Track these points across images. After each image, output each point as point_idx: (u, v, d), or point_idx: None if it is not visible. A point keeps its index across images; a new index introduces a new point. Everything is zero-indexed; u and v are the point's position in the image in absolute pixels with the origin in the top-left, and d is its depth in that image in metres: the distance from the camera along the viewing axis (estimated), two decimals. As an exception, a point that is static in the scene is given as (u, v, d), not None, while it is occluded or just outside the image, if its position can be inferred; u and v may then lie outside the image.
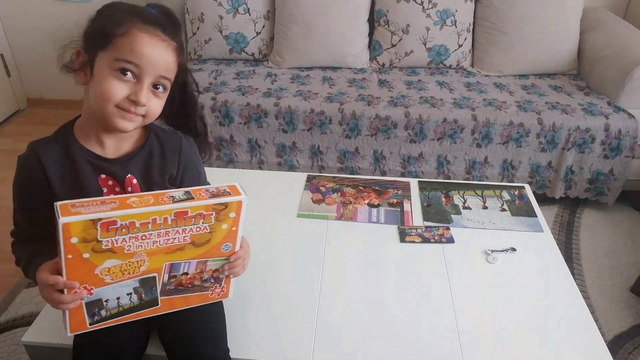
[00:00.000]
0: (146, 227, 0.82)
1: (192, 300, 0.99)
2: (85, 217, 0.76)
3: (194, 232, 0.87)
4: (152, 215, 0.81)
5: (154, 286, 0.92)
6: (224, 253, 0.95)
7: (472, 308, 1.20)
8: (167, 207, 0.82)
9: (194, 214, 0.85)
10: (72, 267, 0.81)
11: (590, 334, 1.15)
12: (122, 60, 0.86)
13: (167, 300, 0.96)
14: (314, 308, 1.19)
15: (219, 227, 0.89)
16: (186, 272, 0.94)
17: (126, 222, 0.80)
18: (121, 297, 0.90)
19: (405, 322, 1.17)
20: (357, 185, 1.65)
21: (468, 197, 1.60)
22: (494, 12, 2.44)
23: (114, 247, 0.82)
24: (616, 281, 1.87)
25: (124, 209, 0.79)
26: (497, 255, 1.36)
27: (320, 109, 2.16)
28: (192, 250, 0.90)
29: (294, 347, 1.11)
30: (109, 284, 0.87)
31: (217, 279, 0.98)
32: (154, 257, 0.87)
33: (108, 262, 0.83)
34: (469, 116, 2.10)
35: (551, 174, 2.18)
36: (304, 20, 2.44)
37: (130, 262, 0.86)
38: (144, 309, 0.95)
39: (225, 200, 0.86)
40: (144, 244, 0.84)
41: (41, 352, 1.15)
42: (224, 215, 0.88)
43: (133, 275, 0.88)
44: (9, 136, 2.89)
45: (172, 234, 0.85)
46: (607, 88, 2.22)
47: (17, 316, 1.72)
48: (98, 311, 0.89)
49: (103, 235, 0.79)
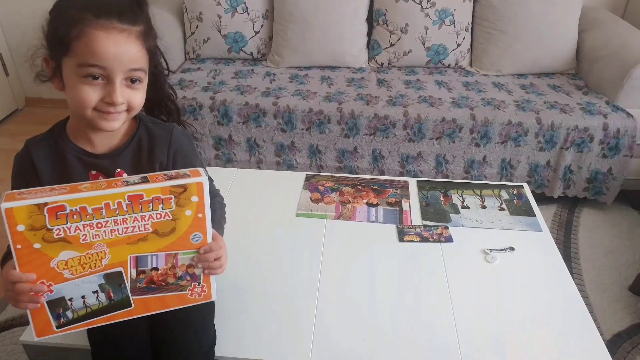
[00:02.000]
0: (99, 213, 0.78)
1: (169, 302, 0.93)
2: (29, 202, 0.73)
3: (155, 220, 0.83)
4: (104, 199, 0.77)
5: (122, 283, 0.86)
6: (194, 244, 0.89)
7: (471, 307, 1.20)
8: (119, 189, 0.78)
9: (149, 198, 0.80)
10: (24, 259, 0.77)
11: (589, 333, 1.15)
12: (85, 66, 0.82)
13: (141, 301, 0.90)
14: (312, 307, 1.19)
15: (181, 213, 0.84)
16: (156, 267, 0.88)
17: (76, 207, 0.76)
18: (87, 296, 0.85)
19: (404, 321, 1.17)
20: (355, 185, 1.64)
21: (467, 197, 1.60)
22: (492, 12, 2.44)
23: (67, 235, 0.78)
24: (615, 280, 1.87)
25: (74, 193, 0.76)
26: (496, 254, 1.36)
27: (318, 109, 2.16)
28: (157, 240, 0.85)
29: (293, 346, 1.11)
30: (70, 279, 0.82)
31: (193, 276, 0.92)
32: (115, 249, 0.82)
33: (64, 254, 0.79)
34: (468, 115, 2.10)
35: (550, 173, 2.18)
36: (303, 19, 2.44)
37: (89, 253, 0.81)
38: (116, 311, 0.89)
39: (183, 182, 0.82)
40: (101, 233, 0.80)
41: (39, 352, 1.15)
42: (185, 199, 0.83)
43: (95, 270, 0.83)
44: (8, 136, 2.88)
45: (131, 222, 0.81)
46: (606, 87, 2.22)
47: (15, 315, 1.72)
48: (63, 312, 0.84)
49: (52, 222, 0.75)
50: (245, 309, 1.19)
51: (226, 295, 1.19)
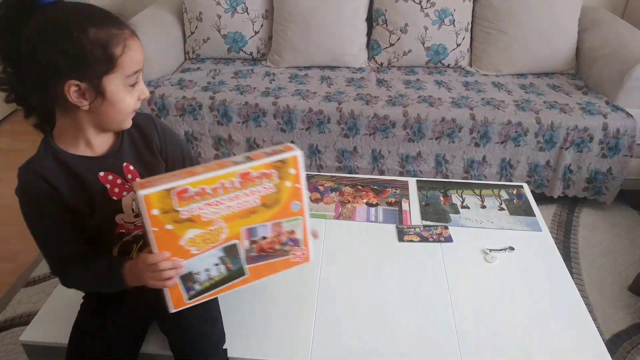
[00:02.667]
0: (216, 192, 0.87)
1: (278, 266, 1.02)
2: (160, 188, 0.82)
3: (262, 193, 0.92)
4: (219, 179, 0.86)
5: (237, 254, 0.96)
6: (294, 212, 0.98)
7: (470, 307, 1.20)
8: (231, 169, 0.87)
9: (257, 174, 0.90)
10: (160, 240, 0.86)
11: (589, 333, 1.15)
12: (132, 75, 0.88)
13: (254, 269, 1.00)
14: (312, 307, 1.19)
15: (283, 185, 0.93)
16: (264, 236, 0.97)
17: (197, 189, 0.85)
18: (210, 269, 0.94)
19: (404, 321, 1.17)
20: (355, 185, 1.65)
21: (466, 196, 1.60)
22: (492, 12, 2.44)
23: (192, 216, 0.87)
24: (614, 280, 1.87)
25: (193, 176, 0.85)
26: (496, 254, 1.36)
27: (318, 108, 2.16)
28: (265, 212, 0.94)
29: (293, 346, 1.11)
30: (196, 255, 0.91)
31: (295, 240, 1.01)
32: (231, 223, 0.92)
33: (190, 232, 0.88)
34: (467, 115, 2.10)
35: (549, 173, 2.18)
36: (303, 19, 2.44)
37: (210, 230, 0.90)
38: (234, 280, 0.99)
39: (282, 156, 0.91)
40: (219, 210, 0.89)
41: (39, 352, 1.15)
42: (284, 172, 0.92)
43: (215, 244, 0.92)
44: (8, 135, 2.88)
45: (243, 197, 0.90)
46: (606, 87, 2.22)
47: (15, 315, 1.72)
48: (192, 285, 0.94)
49: (179, 204, 0.85)
50: (245, 309, 1.19)
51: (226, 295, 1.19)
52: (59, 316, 1.14)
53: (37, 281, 1.86)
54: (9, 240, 2.10)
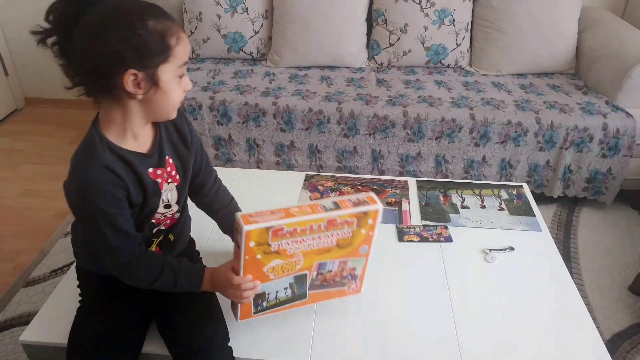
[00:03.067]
0: (304, 232, 0.96)
1: (332, 294, 1.13)
2: (263, 225, 0.91)
3: (340, 236, 1.01)
4: (310, 222, 0.95)
5: (305, 282, 1.06)
6: (361, 254, 1.07)
7: (470, 307, 1.20)
8: (322, 215, 0.96)
9: (341, 221, 0.98)
10: (247, 267, 0.96)
11: (589, 333, 1.15)
12: (183, 66, 0.91)
13: (313, 294, 1.10)
14: (312, 307, 1.19)
15: (359, 231, 1.02)
16: (330, 270, 1.07)
17: (290, 228, 0.94)
18: (279, 291, 1.05)
19: (403, 320, 1.17)
20: (355, 185, 1.65)
21: (466, 196, 1.60)
22: (492, 12, 2.44)
23: (279, 249, 0.96)
24: (614, 280, 1.87)
25: (290, 217, 0.94)
26: (495, 254, 1.36)
27: (318, 108, 2.16)
28: (337, 251, 1.03)
29: (293, 346, 1.11)
30: (272, 280, 1.01)
31: (353, 275, 1.11)
32: (307, 257, 1.01)
33: (274, 262, 0.98)
34: (467, 115, 2.10)
35: (549, 173, 2.18)
36: (302, 19, 2.44)
37: (290, 261, 1.00)
38: (295, 301, 1.09)
39: (366, 209, 0.99)
40: (302, 246, 0.98)
41: (39, 352, 1.15)
42: (364, 221, 1.01)
43: (290, 273, 1.02)
44: (7, 135, 2.88)
45: (324, 238, 0.99)
46: (605, 87, 2.22)
47: (15, 315, 1.72)
48: (261, 302, 1.04)
49: (273, 239, 0.94)
50: (244, 308, 1.19)
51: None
52: (59, 316, 1.14)
53: (37, 281, 1.86)
54: (9, 240, 2.10)
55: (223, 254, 1.35)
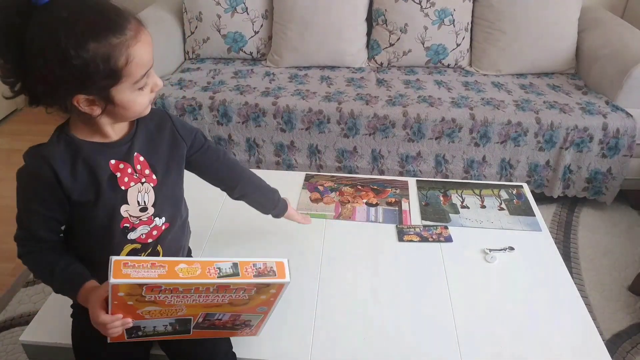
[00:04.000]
0: (189, 291, 0.85)
1: (221, 334, 1.04)
2: (134, 282, 0.79)
3: (233, 298, 0.90)
4: (196, 285, 0.84)
5: (189, 323, 0.97)
6: (258, 312, 0.98)
7: (470, 307, 1.20)
8: (212, 281, 0.84)
9: (235, 288, 0.87)
10: (117, 308, 0.85)
11: (589, 333, 1.15)
12: (140, 80, 0.84)
13: (198, 332, 1.01)
14: (312, 307, 1.19)
15: (257, 297, 0.92)
16: (220, 319, 0.98)
17: (170, 288, 0.83)
18: (157, 326, 0.96)
19: (403, 320, 1.17)
20: (355, 185, 1.65)
21: (466, 196, 1.60)
22: (492, 12, 2.44)
23: (155, 300, 0.86)
24: (614, 280, 1.87)
25: (170, 278, 0.82)
26: (495, 254, 1.36)
27: (318, 108, 2.16)
28: (229, 307, 0.94)
29: (293, 345, 1.11)
30: (148, 319, 0.92)
31: (247, 324, 1.02)
32: (191, 309, 0.91)
33: (149, 308, 0.88)
34: (467, 115, 2.10)
35: (549, 173, 2.18)
36: (302, 19, 2.44)
37: (170, 309, 0.90)
38: (176, 334, 1.00)
39: (269, 281, 0.87)
40: (184, 301, 0.88)
41: (39, 352, 1.15)
42: (265, 290, 0.90)
43: (170, 317, 0.93)
44: (7, 135, 2.88)
45: (212, 297, 0.89)
46: (605, 87, 2.22)
47: (15, 315, 1.72)
48: (135, 332, 0.95)
49: (147, 293, 0.83)
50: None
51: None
52: (59, 316, 1.14)
53: (37, 281, 1.86)
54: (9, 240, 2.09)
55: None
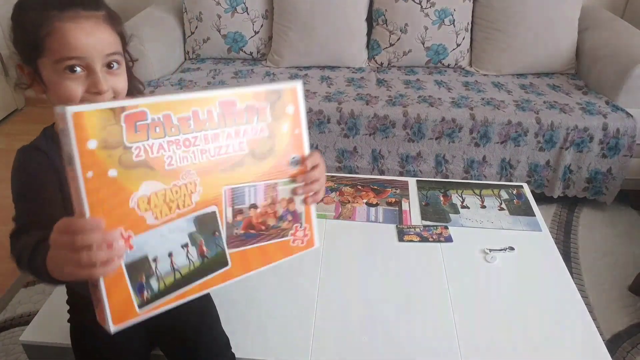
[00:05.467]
0: (187, 125, 0.62)
1: (272, 253, 0.77)
2: (103, 106, 0.57)
3: (250, 136, 0.68)
4: (192, 105, 0.63)
5: (217, 229, 0.68)
6: (292, 171, 0.75)
7: (470, 307, 1.20)
8: (210, 93, 0.64)
9: (243, 106, 0.67)
10: (96, 195, 0.55)
11: (589, 333, 1.15)
12: (63, 60, 0.79)
13: (239, 256, 0.71)
14: (312, 307, 1.19)
15: (278, 127, 0.71)
16: (254, 204, 0.71)
17: (159, 116, 0.60)
18: (174, 253, 0.64)
19: (403, 321, 1.17)
20: (355, 185, 1.64)
21: (466, 196, 1.60)
22: (492, 12, 2.44)
23: (148, 157, 0.60)
24: (614, 280, 1.87)
25: (154, 96, 0.61)
26: (496, 254, 1.36)
27: (318, 108, 2.16)
28: (254, 165, 0.70)
29: (293, 346, 1.11)
30: (154, 227, 0.61)
31: (294, 214, 0.77)
32: (207, 178, 0.65)
33: (145, 186, 0.60)
34: (467, 115, 2.10)
35: (549, 173, 2.18)
36: (303, 19, 2.44)
37: (177, 185, 0.63)
38: (210, 273, 0.69)
39: (278, 87, 0.70)
40: (190, 155, 0.63)
41: (39, 352, 1.15)
42: (280, 109, 0.70)
43: (184, 211, 0.64)
44: (7, 135, 2.88)
45: (224, 138, 0.66)
46: (606, 87, 2.22)
47: (15, 315, 1.72)
48: (147, 280, 0.62)
49: (131, 136, 0.58)
50: (244, 309, 1.19)
51: (225, 295, 1.19)
52: (59, 316, 1.13)
53: (37, 281, 1.86)
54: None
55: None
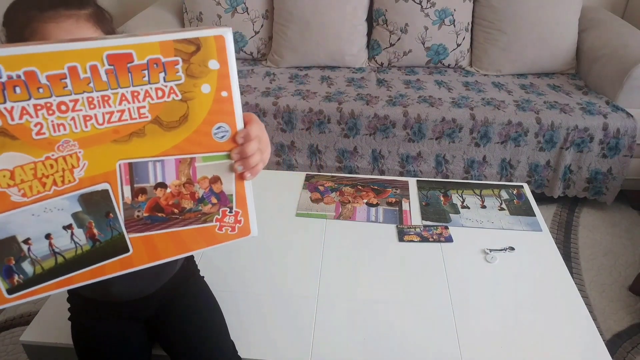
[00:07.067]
0: (60, 85, 0.48)
1: (190, 241, 0.62)
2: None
3: (155, 100, 0.53)
4: (67, 59, 0.48)
5: (111, 210, 0.56)
6: (218, 143, 0.59)
7: (471, 307, 1.20)
8: (93, 43, 0.49)
9: (143, 61, 0.51)
10: None
11: (589, 333, 1.15)
12: None
13: (144, 241, 0.59)
14: (312, 307, 1.19)
15: (195, 89, 0.55)
16: (162, 182, 0.58)
17: (19, 73, 0.47)
18: (54, 235, 0.54)
19: (404, 321, 1.17)
20: (355, 185, 1.64)
21: (466, 197, 1.60)
22: (492, 12, 2.44)
23: (7, 124, 0.48)
24: (615, 280, 1.87)
25: (12, 46, 0.47)
26: (496, 254, 1.36)
27: (318, 108, 2.16)
28: (160, 135, 0.55)
29: (293, 346, 1.11)
30: (21, 205, 0.52)
31: (222, 197, 0.62)
32: (94, 149, 0.52)
33: (5, 158, 0.49)
34: (468, 115, 2.10)
35: (549, 173, 2.18)
36: (303, 19, 2.44)
37: (51, 158, 0.51)
38: (104, 260, 0.57)
39: (195, 34, 0.53)
40: (68, 121, 0.50)
41: (39, 352, 1.15)
42: (199, 65, 0.54)
43: (65, 187, 0.53)
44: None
45: (116, 102, 0.51)
46: (606, 87, 2.22)
47: (15, 315, 1.72)
48: (16, 263, 0.54)
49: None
50: (245, 308, 1.19)
51: (225, 295, 1.19)
52: (59, 316, 1.14)
53: (37, 281, 1.86)
54: None
55: (227, 266, 1.35)
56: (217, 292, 1.15)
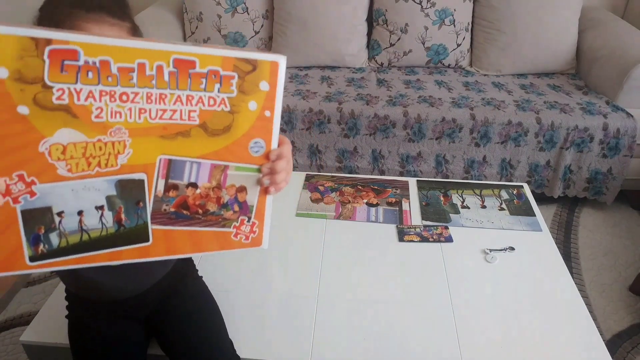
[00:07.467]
0: (127, 77, 0.53)
1: (205, 242, 0.66)
2: (22, 32, 0.47)
3: (206, 107, 0.58)
4: (139, 56, 0.53)
5: (142, 199, 0.60)
6: (252, 157, 0.63)
7: (470, 307, 1.20)
8: (165, 45, 0.54)
9: (204, 70, 0.56)
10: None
11: (589, 333, 1.15)
12: None
13: (164, 235, 0.63)
14: (312, 307, 1.19)
15: (243, 104, 0.60)
16: (194, 183, 0.62)
17: (95, 60, 0.51)
18: (86, 212, 0.57)
19: (404, 321, 1.17)
20: (355, 185, 1.64)
21: (466, 197, 1.60)
22: (492, 12, 2.44)
23: (72, 103, 0.52)
24: (615, 280, 1.87)
25: (93, 35, 0.51)
26: (496, 254, 1.36)
27: (318, 108, 2.16)
28: (203, 140, 0.60)
29: (293, 346, 1.11)
30: (65, 179, 0.55)
31: (243, 206, 0.66)
32: (141, 140, 0.57)
33: (62, 134, 0.52)
34: (468, 115, 2.10)
35: (550, 173, 2.18)
36: (303, 19, 2.44)
37: (102, 140, 0.55)
38: (125, 245, 0.61)
39: (254, 56, 0.58)
40: (125, 111, 0.54)
41: (39, 352, 1.15)
42: (251, 83, 0.59)
43: (106, 170, 0.56)
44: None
45: (171, 102, 0.56)
46: (606, 87, 2.22)
47: (15, 315, 1.72)
48: (45, 234, 0.56)
49: (54, 74, 0.49)
50: (244, 308, 1.19)
51: (225, 295, 1.19)
52: (59, 316, 1.13)
53: (37, 281, 1.86)
54: None
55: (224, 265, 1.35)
56: (216, 292, 1.15)
